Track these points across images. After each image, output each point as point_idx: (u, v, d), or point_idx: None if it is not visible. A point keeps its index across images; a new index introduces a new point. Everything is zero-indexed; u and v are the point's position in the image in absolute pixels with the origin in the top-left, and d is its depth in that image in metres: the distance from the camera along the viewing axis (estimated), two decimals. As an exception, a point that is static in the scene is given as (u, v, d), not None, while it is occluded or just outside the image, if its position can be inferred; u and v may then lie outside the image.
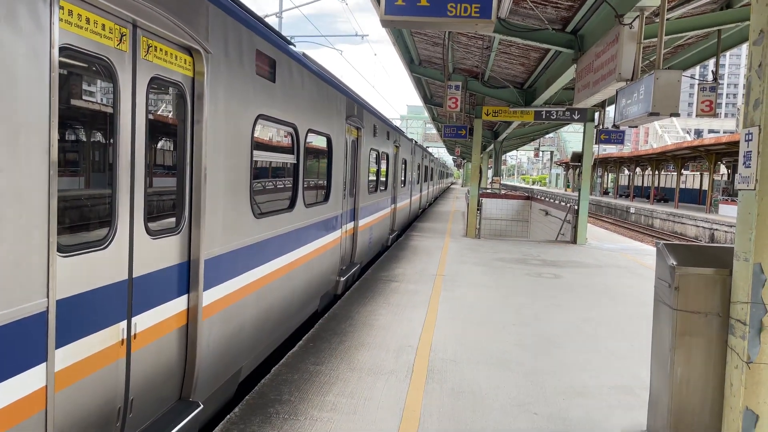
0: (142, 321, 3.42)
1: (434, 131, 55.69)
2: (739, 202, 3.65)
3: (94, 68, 2.97)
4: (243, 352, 4.90)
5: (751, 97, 3.58)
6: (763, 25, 3.49)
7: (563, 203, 18.52)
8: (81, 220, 2.97)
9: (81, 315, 2.90)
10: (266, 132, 5.48)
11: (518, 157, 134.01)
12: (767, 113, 3.44)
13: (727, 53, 14.26)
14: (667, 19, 9.16)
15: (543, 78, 14.95)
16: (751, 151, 3.54)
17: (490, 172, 41.01)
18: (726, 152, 31.62)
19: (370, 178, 11.23)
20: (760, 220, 3.45)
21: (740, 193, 3.65)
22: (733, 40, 11.30)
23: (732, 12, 9.35)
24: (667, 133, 77.21)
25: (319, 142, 7.33)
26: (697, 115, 10.89)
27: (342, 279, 8.61)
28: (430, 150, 47.98)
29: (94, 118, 3.02)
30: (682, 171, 41.60)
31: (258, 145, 5.14)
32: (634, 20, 7.34)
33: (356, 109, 9.22)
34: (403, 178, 17.28)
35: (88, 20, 2.85)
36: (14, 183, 2.37)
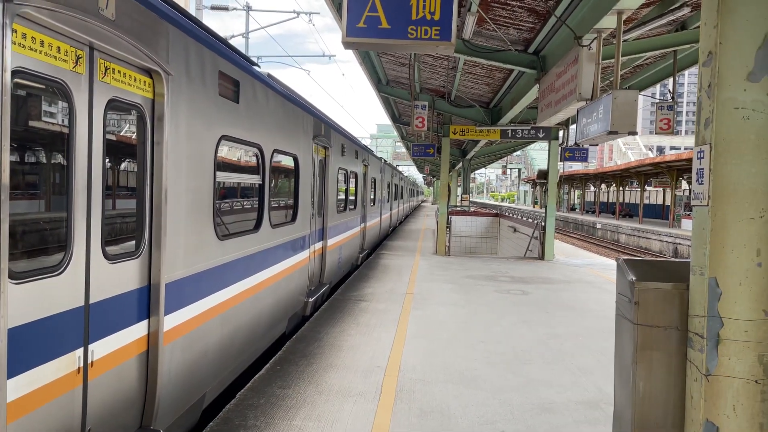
0: (100, 348, 3.33)
1: (404, 150, 56.10)
2: (694, 218, 3.75)
3: (49, 91, 2.93)
4: (207, 377, 4.81)
5: (701, 116, 3.70)
6: (711, 47, 3.62)
7: (531, 220, 18.76)
8: (35, 245, 2.90)
9: (34, 343, 2.81)
10: (231, 153, 5.45)
11: (487, 174, 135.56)
12: (717, 132, 3.56)
13: (685, 72, 14.75)
14: (624, 41, 9.44)
15: (508, 97, 15.22)
16: (703, 169, 3.65)
17: (459, 190, 41.38)
18: (687, 168, 32.50)
19: (339, 197, 11.22)
20: (714, 236, 3.55)
21: (694, 209, 3.75)
22: (688, 61, 11.69)
23: (686, 33, 9.68)
24: (631, 150, 79.11)
25: (286, 161, 7.31)
26: (656, 133, 11.20)
27: (310, 300, 8.54)
28: (399, 168, 48.23)
29: (49, 140, 2.96)
30: (646, 187, 42.60)
31: (222, 165, 5.10)
32: (592, 42, 7.54)
33: (323, 129, 9.24)
34: (372, 197, 17.31)
35: (42, 43, 2.81)
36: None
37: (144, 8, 3.60)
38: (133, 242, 3.73)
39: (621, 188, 46.30)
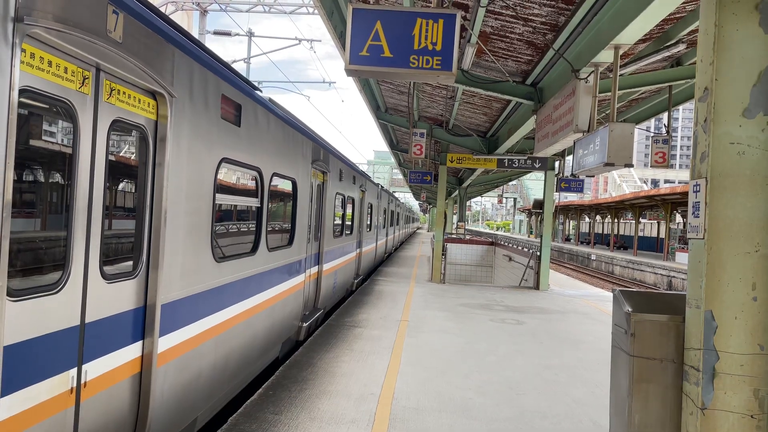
0: (94, 368, 3.31)
1: (401, 176, 56.38)
2: (690, 251, 3.78)
3: (54, 110, 2.96)
4: (199, 400, 4.76)
5: (698, 150, 3.75)
6: (707, 83, 3.69)
7: (526, 249, 18.78)
8: (34, 262, 2.89)
9: (29, 362, 2.79)
10: (230, 175, 5.48)
11: (483, 203, 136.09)
12: (713, 166, 3.61)
13: (680, 107, 14.91)
14: (621, 75, 9.60)
15: (505, 127, 15.37)
16: (699, 202, 3.69)
17: (455, 218, 41.48)
18: (681, 201, 32.71)
19: (336, 222, 11.23)
20: (710, 269, 3.57)
21: (690, 242, 3.78)
22: (683, 96, 11.85)
23: (681, 69, 9.85)
24: (625, 183, 79.64)
25: (284, 185, 7.34)
26: (651, 166, 11.30)
27: (305, 325, 8.49)
28: (396, 195, 48.41)
29: (52, 159, 2.98)
30: (640, 219, 42.78)
31: (221, 188, 5.12)
32: (589, 75, 7.66)
33: (322, 154, 9.29)
34: (368, 223, 17.33)
35: (50, 63, 2.84)
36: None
37: (150, 31, 3.66)
38: (131, 262, 3.73)
39: (616, 220, 46.48)
